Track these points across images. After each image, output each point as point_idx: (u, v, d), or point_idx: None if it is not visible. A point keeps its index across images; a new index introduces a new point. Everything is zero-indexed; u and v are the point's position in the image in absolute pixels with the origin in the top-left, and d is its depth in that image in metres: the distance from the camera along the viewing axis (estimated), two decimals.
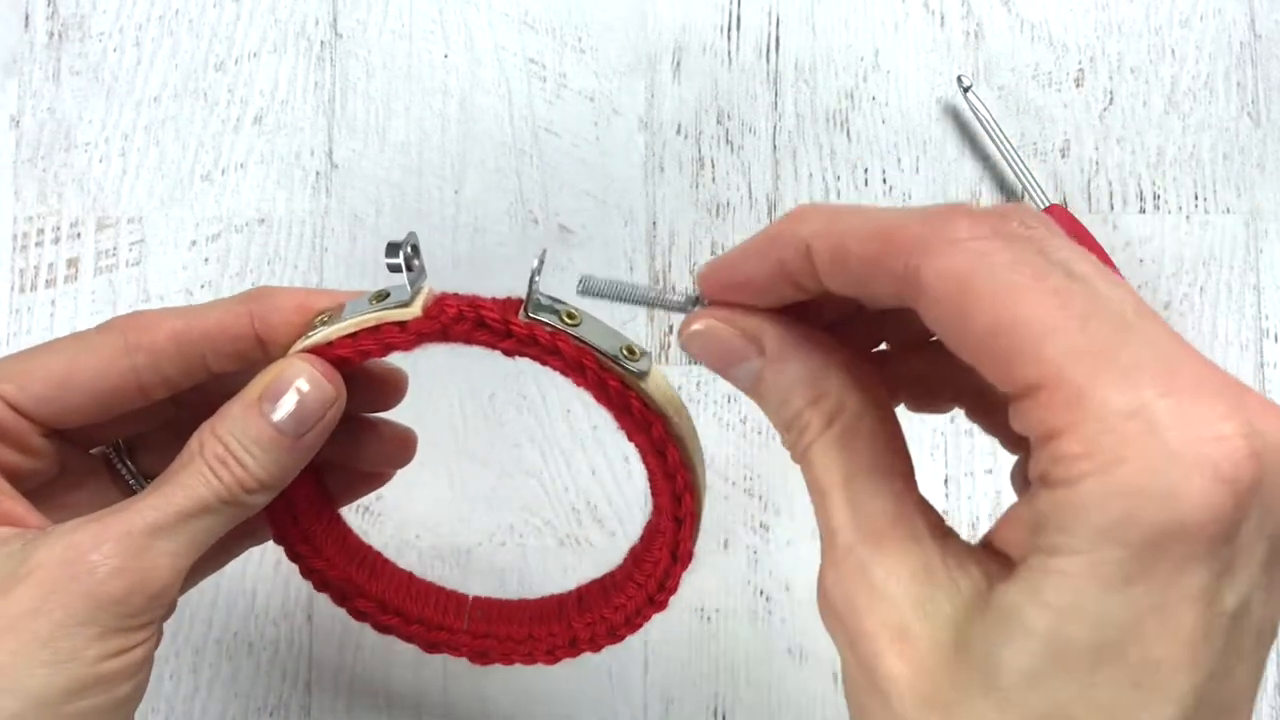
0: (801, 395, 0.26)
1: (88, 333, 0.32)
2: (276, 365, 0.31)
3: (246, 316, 0.32)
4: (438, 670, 0.49)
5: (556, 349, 0.29)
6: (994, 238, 0.22)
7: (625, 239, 0.52)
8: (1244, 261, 0.53)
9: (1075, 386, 0.20)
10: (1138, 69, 0.54)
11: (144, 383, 0.32)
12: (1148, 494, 0.19)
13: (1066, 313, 0.20)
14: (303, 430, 0.31)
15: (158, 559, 0.29)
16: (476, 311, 0.29)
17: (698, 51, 0.53)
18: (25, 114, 0.52)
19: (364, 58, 0.53)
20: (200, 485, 0.30)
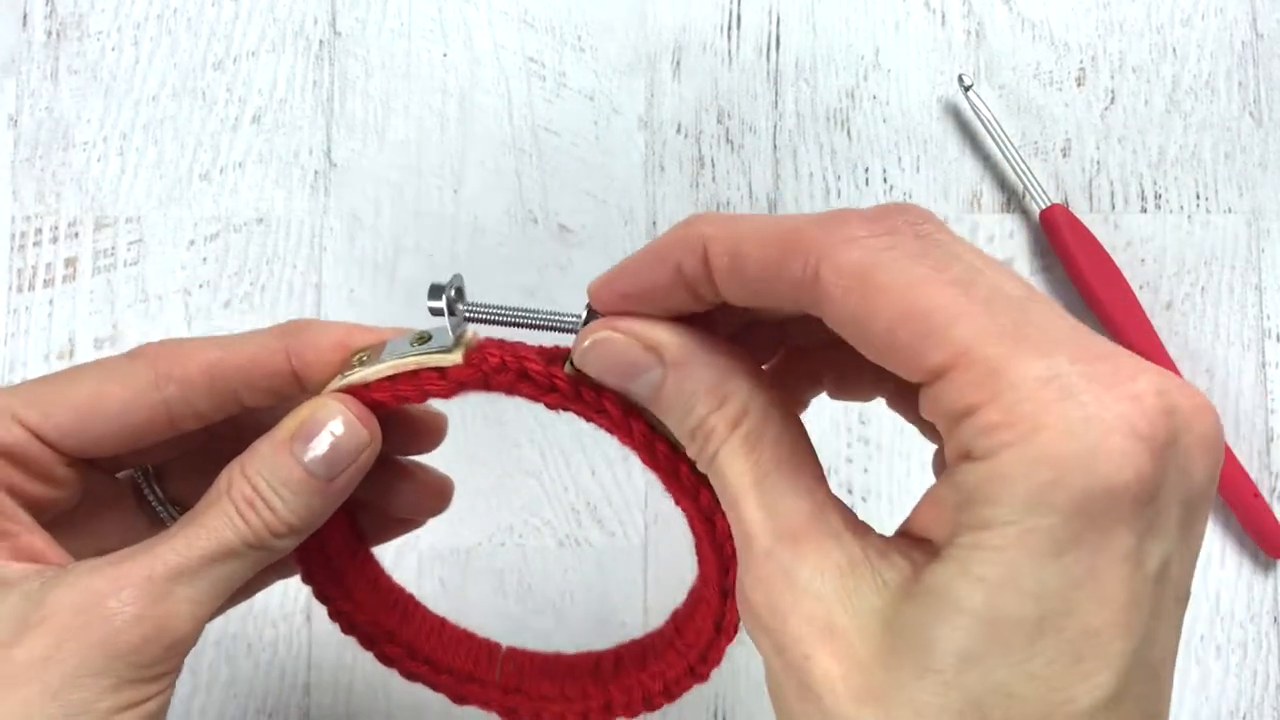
0: (705, 402, 0.25)
1: (117, 360, 0.31)
2: (310, 404, 0.30)
3: (283, 352, 0.31)
4: None
5: (603, 409, 0.28)
6: (889, 234, 0.22)
7: (625, 238, 0.52)
8: (1245, 261, 0.53)
9: (988, 362, 0.20)
10: (1139, 68, 0.54)
11: (174, 415, 0.31)
12: (1071, 457, 0.19)
13: (969, 298, 0.21)
14: (334, 473, 0.30)
15: (178, 606, 0.28)
16: (520, 363, 0.29)
17: (698, 50, 0.53)
18: (23, 113, 0.52)
19: (363, 57, 0.53)
20: (226, 528, 0.29)
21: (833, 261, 0.22)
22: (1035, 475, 0.19)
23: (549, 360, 0.29)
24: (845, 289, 0.22)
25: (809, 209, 0.52)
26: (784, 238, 0.23)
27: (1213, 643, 0.50)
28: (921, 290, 0.21)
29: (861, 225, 0.22)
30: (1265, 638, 0.50)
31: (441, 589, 0.49)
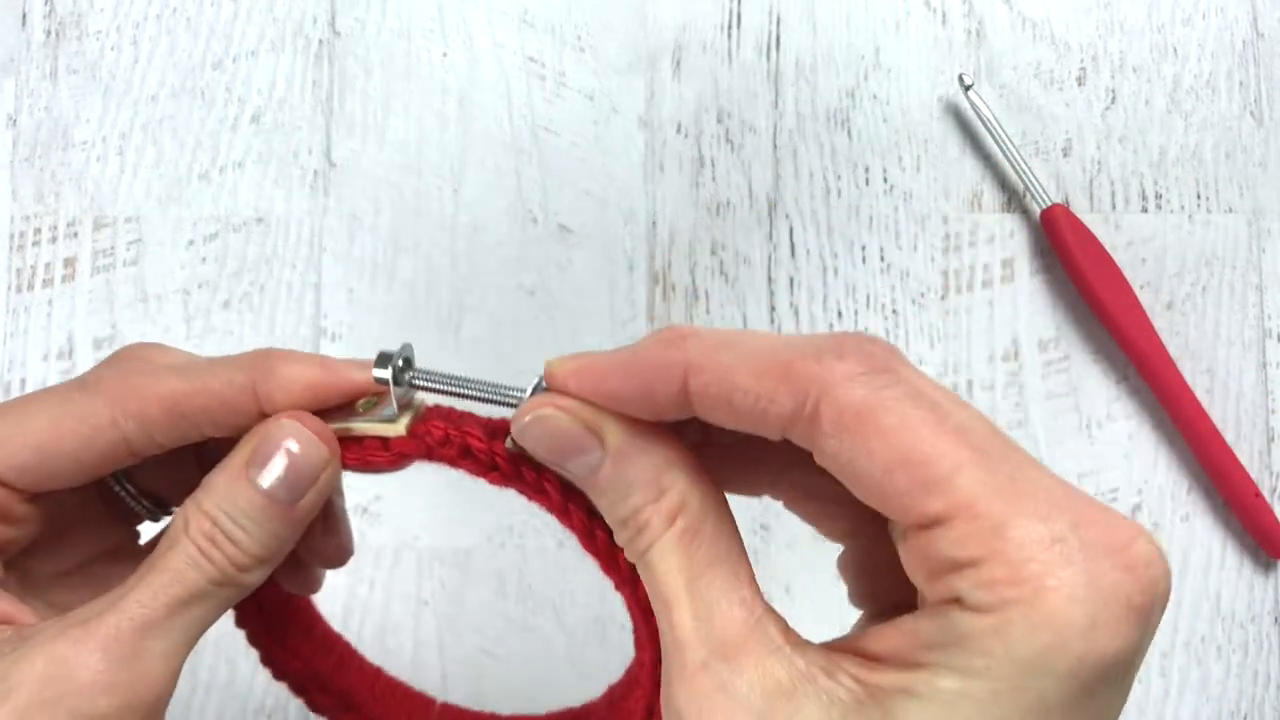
0: (642, 492, 0.25)
1: (73, 393, 0.29)
2: (262, 426, 0.28)
3: (249, 390, 0.29)
4: (435, 671, 0.48)
5: (543, 490, 0.27)
6: (885, 372, 0.22)
7: (625, 238, 0.52)
8: (1246, 261, 0.53)
9: (991, 518, 0.21)
10: (1140, 68, 0.54)
11: (134, 447, 0.29)
12: (1072, 623, 0.20)
13: (968, 447, 0.22)
14: (296, 496, 0.28)
15: (151, 664, 0.26)
16: (463, 438, 0.28)
17: (698, 50, 0.53)
18: (22, 113, 0.52)
19: (362, 56, 0.53)
20: (189, 569, 0.27)
21: (833, 400, 0.22)
22: (1037, 637, 0.20)
23: (493, 435, 0.28)
24: (845, 428, 0.22)
25: (809, 209, 0.52)
26: (778, 371, 0.23)
27: (1213, 643, 0.50)
28: (921, 435, 0.22)
29: (857, 361, 0.22)
30: (1266, 638, 0.50)
31: (441, 589, 0.49)
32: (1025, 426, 0.51)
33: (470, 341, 0.51)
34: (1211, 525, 0.51)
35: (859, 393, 0.22)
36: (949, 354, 0.52)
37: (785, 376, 0.23)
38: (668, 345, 0.24)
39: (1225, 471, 0.50)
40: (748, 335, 0.24)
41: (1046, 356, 0.52)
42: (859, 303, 0.52)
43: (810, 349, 0.23)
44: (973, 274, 0.52)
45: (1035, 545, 0.20)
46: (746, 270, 0.52)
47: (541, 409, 0.26)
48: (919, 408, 0.22)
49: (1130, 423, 0.51)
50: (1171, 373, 0.50)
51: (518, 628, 0.49)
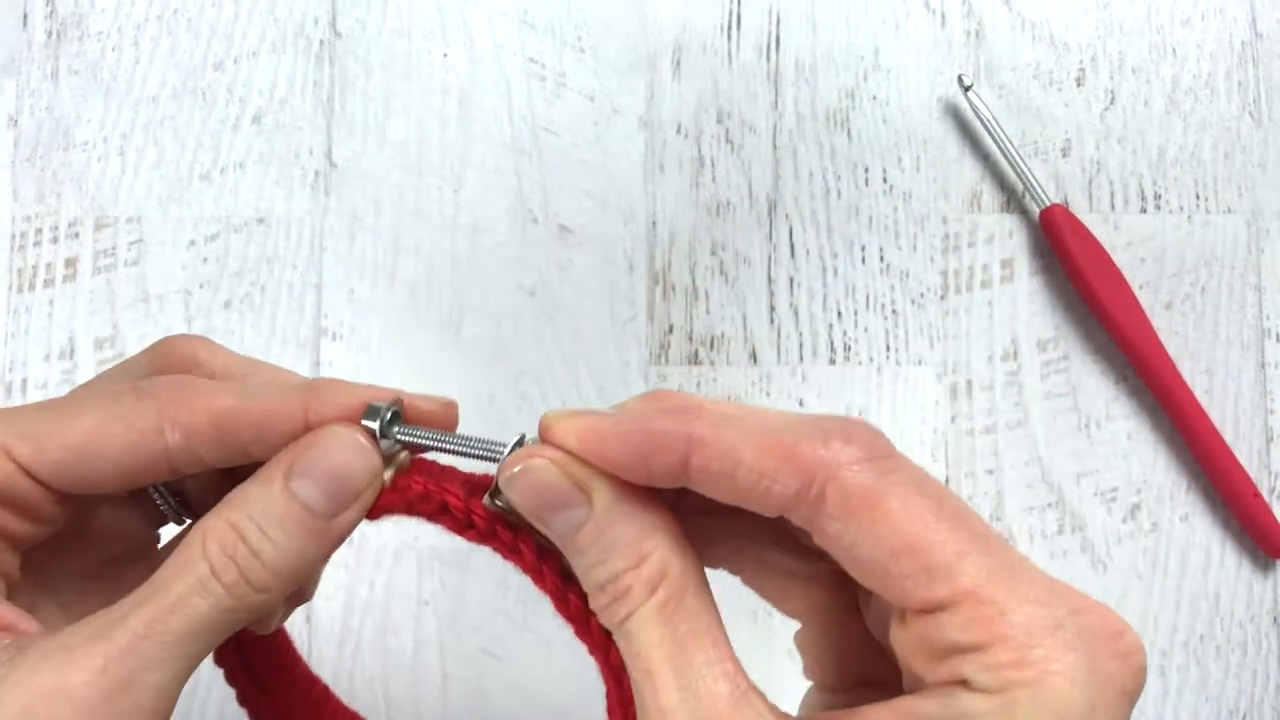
0: (624, 556, 0.24)
1: (124, 396, 0.28)
2: (311, 435, 0.27)
3: (301, 411, 0.27)
4: (436, 670, 0.49)
5: (519, 550, 0.27)
6: (886, 458, 0.23)
7: (625, 239, 0.52)
8: (1245, 261, 0.53)
9: (997, 604, 0.22)
10: (1139, 68, 0.54)
11: (175, 461, 0.28)
12: (1074, 708, 0.21)
13: (969, 536, 0.23)
14: (335, 509, 0.26)
15: (141, 697, 0.24)
16: (441, 494, 0.27)
17: (698, 50, 0.53)
18: (23, 113, 0.52)
19: (363, 57, 0.53)
20: (195, 596, 0.25)
21: (840, 484, 0.23)
22: (1040, 717, 0.21)
23: (472, 491, 0.27)
24: (852, 513, 0.23)
25: (809, 209, 0.52)
26: (783, 451, 0.23)
27: (1212, 643, 0.50)
28: (927, 522, 0.22)
29: (861, 447, 0.23)
30: (1265, 638, 0.50)
31: (441, 589, 0.49)
32: (1024, 426, 0.51)
33: (470, 341, 0.51)
34: (1210, 525, 0.51)
35: (865, 478, 0.23)
36: (948, 354, 0.52)
37: (790, 458, 0.23)
38: (671, 417, 0.24)
39: (1224, 471, 0.50)
40: (751, 412, 0.25)
41: (1045, 356, 0.52)
42: (859, 303, 0.52)
43: (816, 431, 0.23)
44: (972, 274, 0.52)
45: (1040, 631, 0.22)
46: (746, 270, 0.52)
47: (531, 459, 0.25)
48: (922, 495, 0.23)
49: (1129, 423, 0.52)
50: (1170, 373, 0.50)
51: (518, 627, 0.49)
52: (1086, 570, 0.51)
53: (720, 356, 0.51)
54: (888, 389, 0.51)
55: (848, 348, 0.52)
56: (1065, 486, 0.51)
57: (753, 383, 0.51)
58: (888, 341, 0.52)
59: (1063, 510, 0.51)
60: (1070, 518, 0.51)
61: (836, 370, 0.51)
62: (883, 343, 0.52)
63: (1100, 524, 0.51)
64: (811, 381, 0.51)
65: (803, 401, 0.51)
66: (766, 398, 0.51)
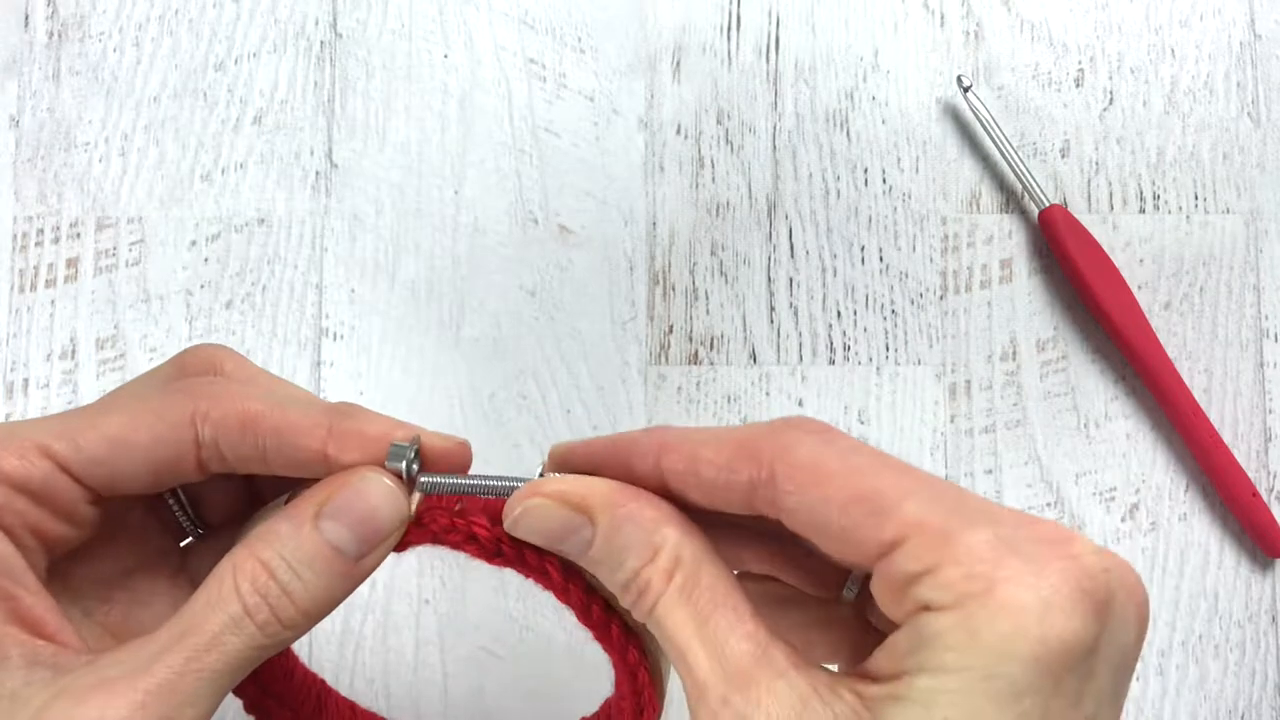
0: (638, 555, 0.26)
1: (155, 390, 0.29)
2: (340, 476, 0.28)
3: (323, 429, 0.28)
4: (437, 670, 0.49)
5: (545, 571, 0.29)
6: (827, 431, 0.26)
7: (625, 239, 0.52)
8: (1244, 261, 0.53)
9: (942, 530, 0.23)
10: (1137, 69, 0.54)
11: (203, 457, 0.29)
12: (1027, 609, 0.22)
13: (912, 479, 0.24)
14: (362, 552, 0.27)
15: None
16: (469, 527, 0.29)
17: (697, 51, 0.53)
18: (25, 114, 0.52)
19: (364, 58, 0.53)
20: (229, 634, 0.26)
21: (785, 460, 0.25)
22: (996, 625, 0.22)
23: (494, 518, 0.29)
24: (800, 481, 0.25)
25: (809, 209, 0.52)
26: (735, 445, 0.26)
27: (1211, 642, 0.50)
28: (869, 473, 0.24)
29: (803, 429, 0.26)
30: (1264, 637, 0.51)
31: (442, 588, 0.49)
32: (1023, 426, 0.51)
33: (471, 341, 0.51)
34: (1209, 524, 0.51)
35: (805, 449, 0.25)
36: (947, 354, 0.52)
37: (742, 446, 0.26)
38: (648, 430, 0.28)
39: (1223, 471, 0.50)
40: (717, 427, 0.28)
41: (1044, 356, 0.52)
42: (858, 303, 0.52)
43: (766, 427, 0.26)
44: (971, 274, 0.52)
45: (983, 546, 0.22)
46: (746, 270, 0.52)
47: (528, 500, 0.27)
48: (862, 454, 0.25)
49: (1128, 422, 0.52)
50: (1169, 373, 0.50)
51: (519, 627, 0.49)
52: None
53: (720, 356, 0.51)
54: (887, 389, 0.51)
55: (847, 348, 0.52)
56: (1064, 486, 0.51)
57: (752, 383, 0.51)
58: (887, 341, 0.52)
59: (1062, 510, 0.51)
60: (1069, 517, 0.51)
61: (836, 370, 0.51)
62: (882, 343, 0.52)
63: (1099, 523, 0.51)
64: (811, 381, 0.51)
65: (802, 401, 0.51)
66: (766, 397, 0.51)
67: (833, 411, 0.51)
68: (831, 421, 0.51)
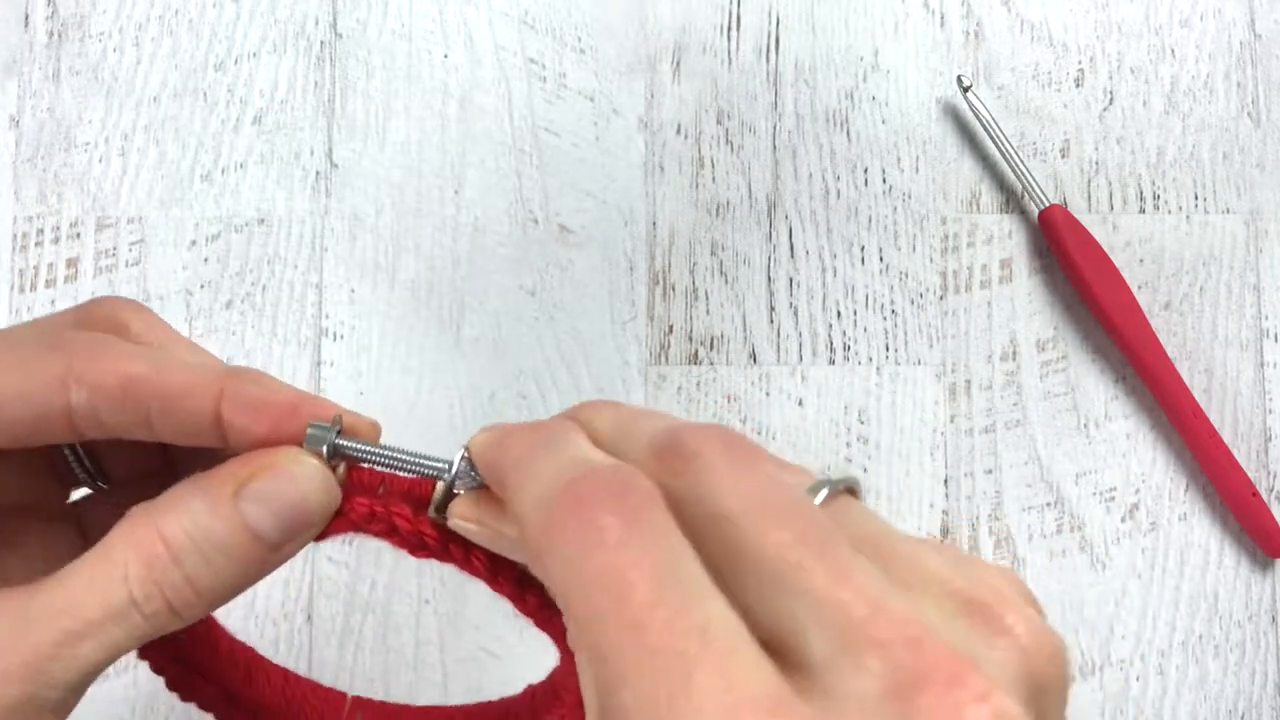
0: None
1: (30, 345, 0.26)
2: (266, 454, 0.25)
3: (215, 394, 0.25)
4: (436, 670, 0.49)
5: (472, 564, 0.27)
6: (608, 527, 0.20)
7: (625, 239, 0.52)
8: (1244, 261, 0.53)
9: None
10: (1138, 69, 0.54)
11: (77, 422, 0.25)
12: None
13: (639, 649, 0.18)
14: (284, 539, 0.25)
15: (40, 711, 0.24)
16: (389, 516, 0.26)
17: (697, 51, 0.53)
18: (25, 114, 0.52)
19: (364, 58, 0.53)
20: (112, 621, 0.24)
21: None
22: None
23: (417, 506, 0.27)
24: None
25: (808, 209, 0.52)
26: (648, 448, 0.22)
27: (1211, 642, 0.50)
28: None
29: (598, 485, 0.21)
30: (1264, 637, 0.51)
31: (442, 588, 0.49)
32: (1023, 426, 0.51)
33: (470, 341, 0.51)
34: (1209, 524, 0.51)
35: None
36: (947, 354, 0.52)
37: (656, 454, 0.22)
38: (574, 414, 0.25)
39: (1223, 471, 0.50)
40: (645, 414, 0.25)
41: (1044, 356, 0.52)
42: (858, 303, 0.52)
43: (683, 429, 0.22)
44: (971, 274, 0.52)
45: None
46: (746, 270, 0.52)
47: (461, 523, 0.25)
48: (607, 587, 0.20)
49: (1128, 422, 0.52)
50: (1169, 373, 0.50)
51: (518, 627, 0.49)
52: (1085, 570, 0.51)
53: (720, 356, 0.51)
54: (887, 389, 0.51)
55: (847, 348, 0.52)
56: (1064, 486, 0.51)
57: (752, 383, 0.51)
58: (887, 341, 0.52)
59: (1062, 510, 0.51)
60: (1069, 517, 0.51)
61: (836, 370, 0.51)
62: (882, 343, 0.52)
63: (1099, 523, 0.51)
64: (811, 381, 0.51)
65: (802, 401, 0.51)
66: (766, 397, 0.51)
67: (833, 411, 0.51)
68: (832, 422, 0.51)
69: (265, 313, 0.51)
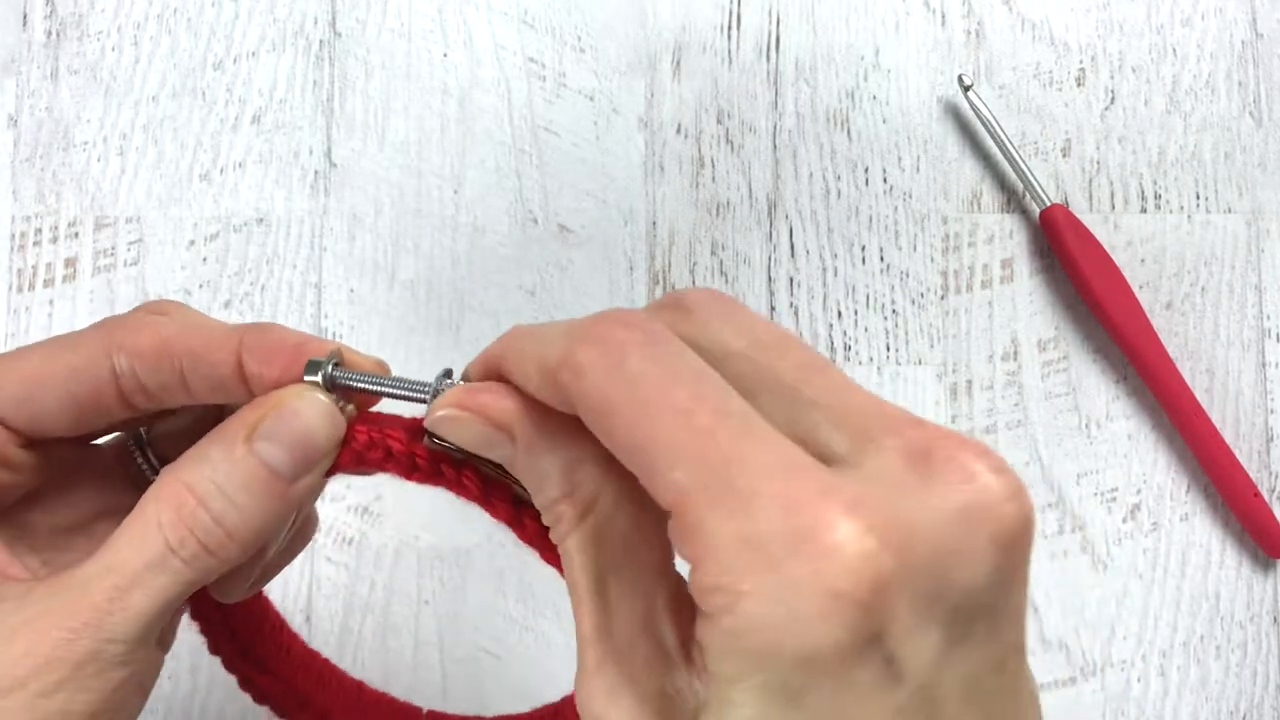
0: (556, 486, 0.24)
1: (74, 332, 0.29)
2: (272, 394, 0.27)
3: (234, 345, 0.28)
4: (436, 670, 0.49)
5: (464, 485, 0.27)
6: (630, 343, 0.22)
7: (625, 239, 0.52)
8: (1245, 261, 0.53)
9: (696, 517, 0.20)
10: (1139, 68, 0.54)
11: (124, 388, 0.28)
12: (778, 626, 0.19)
13: (690, 431, 0.20)
14: (299, 473, 0.27)
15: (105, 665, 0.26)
16: (384, 440, 0.27)
17: (698, 50, 0.53)
18: (23, 113, 0.52)
19: (363, 57, 0.53)
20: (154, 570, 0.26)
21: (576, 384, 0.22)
22: (751, 639, 0.20)
23: (414, 435, 0.27)
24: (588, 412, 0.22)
25: (809, 209, 0.52)
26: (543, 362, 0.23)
27: (1212, 642, 0.50)
28: (646, 419, 0.21)
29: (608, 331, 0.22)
30: (1265, 637, 0.50)
31: (442, 588, 0.49)
32: (1024, 426, 0.51)
33: (471, 341, 0.51)
34: (1210, 525, 0.51)
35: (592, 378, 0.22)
36: (948, 354, 0.52)
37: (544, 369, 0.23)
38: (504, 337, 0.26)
39: (1224, 471, 0.50)
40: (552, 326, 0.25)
41: (1046, 356, 0.52)
42: (858, 303, 0.52)
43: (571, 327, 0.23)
44: (972, 274, 0.52)
45: (729, 550, 0.20)
46: (746, 270, 0.52)
47: (446, 409, 0.25)
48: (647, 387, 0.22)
49: (1129, 422, 0.52)
50: (1171, 373, 0.50)
51: (518, 627, 0.49)
52: (1087, 570, 0.51)
53: None
54: (888, 389, 0.51)
55: (848, 347, 0.52)
56: (1065, 486, 0.51)
57: None
58: (888, 341, 0.52)
59: (1063, 510, 0.51)
60: (1070, 518, 0.51)
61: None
62: (883, 343, 0.52)
63: (1100, 524, 0.51)
64: None
65: None
66: None
67: None
68: None
69: (264, 312, 0.51)
